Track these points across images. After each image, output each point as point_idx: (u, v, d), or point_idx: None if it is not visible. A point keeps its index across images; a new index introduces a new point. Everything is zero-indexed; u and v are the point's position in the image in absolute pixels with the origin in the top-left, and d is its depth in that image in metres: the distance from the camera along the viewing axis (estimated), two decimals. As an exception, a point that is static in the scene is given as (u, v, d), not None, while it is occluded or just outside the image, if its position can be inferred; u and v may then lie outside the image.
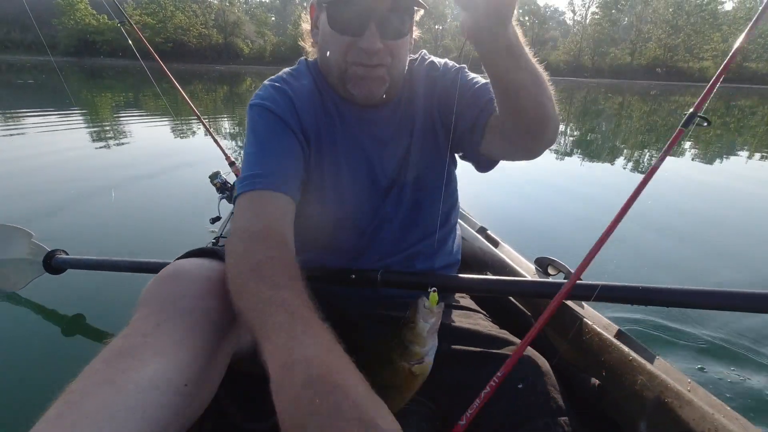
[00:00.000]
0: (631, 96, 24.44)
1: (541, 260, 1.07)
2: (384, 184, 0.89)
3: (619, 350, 0.81)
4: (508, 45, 0.59)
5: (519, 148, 0.78)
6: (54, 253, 1.46)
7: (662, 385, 0.71)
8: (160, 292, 0.61)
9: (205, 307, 0.61)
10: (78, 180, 3.75)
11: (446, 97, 0.87)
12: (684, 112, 0.89)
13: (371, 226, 0.90)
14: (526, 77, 0.63)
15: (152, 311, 0.58)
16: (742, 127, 11.52)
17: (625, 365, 0.78)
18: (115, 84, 18.61)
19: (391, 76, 0.80)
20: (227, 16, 61.11)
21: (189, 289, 0.61)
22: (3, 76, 21.11)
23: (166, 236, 2.70)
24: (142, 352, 0.53)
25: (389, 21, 0.74)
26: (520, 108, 0.67)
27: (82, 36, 52.03)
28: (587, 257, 0.83)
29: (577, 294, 0.84)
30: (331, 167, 0.87)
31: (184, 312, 0.59)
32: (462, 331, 0.85)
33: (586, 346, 0.87)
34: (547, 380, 0.72)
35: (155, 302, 0.60)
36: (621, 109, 15.89)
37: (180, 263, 0.66)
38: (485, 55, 0.60)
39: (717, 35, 59.23)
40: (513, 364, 0.69)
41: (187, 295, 0.60)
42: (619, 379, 0.78)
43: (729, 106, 19.90)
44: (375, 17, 0.73)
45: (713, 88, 0.87)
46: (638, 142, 8.02)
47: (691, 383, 0.72)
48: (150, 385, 0.51)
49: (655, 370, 0.74)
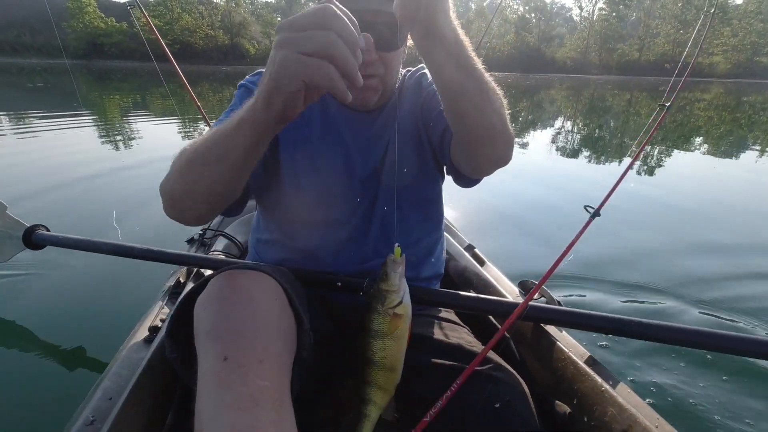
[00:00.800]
0: (639, 92, 24.19)
1: (524, 283, 1.08)
2: (362, 178, 0.90)
3: (592, 380, 0.82)
4: (442, 36, 0.58)
5: (470, 161, 0.79)
6: (34, 228, 1.43)
7: (631, 419, 0.72)
8: (236, 321, 0.60)
9: (279, 328, 0.63)
10: (80, 171, 3.82)
11: (428, 105, 0.90)
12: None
13: (350, 223, 0.90)
14: (467, 80, 0.63)
15: (240, 347, 0.57)
16: (753, 123, 11.35)
17: (597, 395, 0.79)
18: (123, 86, 18.81)
19: (384, 85, 0.84)
20: (233, 17, 61.42)
21: (265, 314, 0.62)
22: (14, 78, 21.41)
23: (154, 225, 2.76)
24: (269, 398, 0.55)
25: (384, 34, 0.78)
26: (462, 112, 0.67)
27: (90, 39, 52.54)
28: (547, 273, 0.91)
29: (530, 315, 0.90)
30: (306, 155, 0.88)
31: (269, 341, 0.60)
32: (444, 345, 0.85)
33: (560, 372, 0.88)
34: (524, 402, 0.73)
35: (238, 336, 0.58)
36: (629, 107, 15.74)
37: (242, 288, 0.64)
38: (421, 46, 0.60)
39: (727, 30, 58.36)
40: (475, 365, 0.71)
41: (265, 322, 0.61)
42: (590, 409, 0.79)
43: (740, 101, 19.63)
44: (372, 30, 0.76)
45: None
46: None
47: (660, 420, 0.73)
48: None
49: (625, 403, 0.75)
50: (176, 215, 0.73)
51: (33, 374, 1.46)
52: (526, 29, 72.57)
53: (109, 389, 0.76)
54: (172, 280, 1.16)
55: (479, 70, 0.64)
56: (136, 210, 3.05)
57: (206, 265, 1.12)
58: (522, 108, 13.27)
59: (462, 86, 0.63)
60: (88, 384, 0.81)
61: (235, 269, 0.67)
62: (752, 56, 57.77)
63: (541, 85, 31.85)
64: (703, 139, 8.11)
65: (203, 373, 0.56)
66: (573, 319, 0.89)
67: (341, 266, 0.92)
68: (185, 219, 0.73)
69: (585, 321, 0.88)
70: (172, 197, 0.70)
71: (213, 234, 1.50)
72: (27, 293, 1.90)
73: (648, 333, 0.84)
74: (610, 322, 0.86)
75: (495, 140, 0.71)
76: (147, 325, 0.95)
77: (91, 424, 0.68)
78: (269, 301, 0.64)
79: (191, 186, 0.66)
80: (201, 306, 0.63)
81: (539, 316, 0.93)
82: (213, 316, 0.61)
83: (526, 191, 4.03)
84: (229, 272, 0.67)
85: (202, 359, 0.58)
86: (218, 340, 0.58)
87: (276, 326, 0.62)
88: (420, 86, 0.94)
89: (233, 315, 0.60)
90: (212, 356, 0.56)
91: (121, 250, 1.18)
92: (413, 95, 0.93)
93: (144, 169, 4.25)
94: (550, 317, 0.92)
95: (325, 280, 0.89)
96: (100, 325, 1.70)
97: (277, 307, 0.64)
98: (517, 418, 0.71)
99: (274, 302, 0.64)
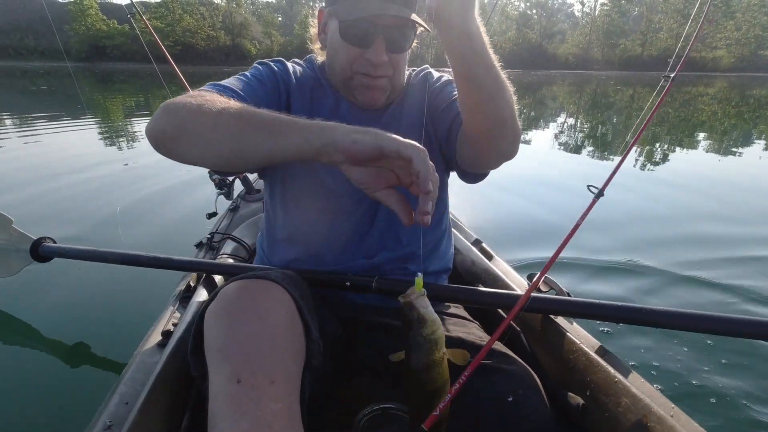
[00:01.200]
0: (642, 88, 24.08)
1: (532, 276, 1.08)
2: None
3: (604, 371, 0.81)
4: (470, 33, 0.61)
5: (479, 155, 0.82)
6: (41, 241, 1.44)
7: (646, 408, 0.71)
8: (247, 339, 0.60)
9: (289, 340, 0.64)
10: (81, 175, 3.84)
11: (435, 101, 0.94)
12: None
13: (356, 214, 0.91)
14: (487, 74, 0.66)
15: (252, 369, 0.58)
16: (758, 117, 11.28)
17: (610, 386, 0.78)
18: (125, 87, 18.90)
19: (392, 85, 0.89)
20: (234, 17, 61.56)
21: (275, 329, 0.62)
22: (18, 81, 21.56)
23: (162, 230, 2.76)
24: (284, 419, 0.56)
25: (395, 37, 0.82)
26: (478, 104, 0.70)
27: (93, 41, 52.85)
28: (550, 260, 0.91)
29: (534, 306, 0.91)
30: None
31: (278, 354, 0.61)
32: (454, 340, 0.86)
33: (572, 365, 0.88)
34: (536, 396, 0.73)
35: (249, 356, 0.59)
36: (632, 102, 15.67)
37: (252, 300, 0.65)
38: (449, 41, 0.63)
39: (731, 24, 57.99)
40: (482, 358, 0.70)
41: (275, 335, 0.62)
42: (603, 400, 0.78)
43: (744, 95, 19.51)
44: (383, 33, 0.80)
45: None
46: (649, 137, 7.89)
47: (675, 408, 0.72)
48: None
49: (639, 393, 0.74)
50: (171, 149, 0.70)
51: (51, 380, 1.48)
52: (528, 25, 72.33)
53: (126, 394, 0.76)
54: (182, 284, 1.17)
55: (495, 64, 0.67)
56: (143, 214, 3.06)
57: (214, 271, 1.13)
58: (525, 104, 13.24)
59: (482, 79, 0.66)
60: (105, 389, 0.82)
61: (245, 279, 0.68)
62: (756, 50, 57.36)
63: (543, 81, 31.77)
64: (707, 134, 8.07)
65: (216, 393, 0.57)
66: (579, 309, 0.90)
67: (348, 261, 0.93)
68: (179, 155, 0.70)
69: (591, 310, 0.89)
70: (185, 133, 0.68)
71: (221, 237, 1.51)
72: (39, 302, 1.91)
73: (651, 319, 0.84)
74: (617, 310, 0.87)
75: (505, 133, 0.73)
76: (160, 329, 0.95)
77: (109, 429, 0.69)
78: (279, 314, 0.64)
79: (219, 140, 0.65)
80: (212, 318, 0.64)
81: (543, 307, 0.94)
82: (224, 332, 0.61)
83: (528, 184, 4.03)
84: (239, 282, 0.67)
85: (213, 375, 0.59)
86: (230, 359, 0.58)
87: (286, 339, 0.62)
88: (425, 84, 0.97)
89: (244, 331, 0.60)
90: (224, 377, 0.57)
91: (129, 259, 1.18)
92: (419, 93, 0.95)
93: (150, 170, 4.26)
94: (555, 308, 0.93)
95: (333, 281, 0.89)
96: (113, 331, 1.72)
97: (286, 319, 0.64)
98: (530, 410, 0.71)
99: (284, 314, 0.64)
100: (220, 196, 1.96)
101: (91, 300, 1.94)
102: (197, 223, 2.40)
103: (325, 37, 0.90)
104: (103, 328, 1.74)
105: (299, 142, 0.61)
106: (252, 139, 0.63)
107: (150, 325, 1.01)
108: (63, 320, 1.79)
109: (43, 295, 1.95)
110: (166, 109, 0.69)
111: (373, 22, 0.79)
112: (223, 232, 1.55)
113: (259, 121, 0.64)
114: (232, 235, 1.50)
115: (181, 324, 0.93)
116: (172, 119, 0.68)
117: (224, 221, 1.73)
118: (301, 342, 0.66)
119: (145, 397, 0.72)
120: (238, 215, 1.77)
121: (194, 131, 0.67)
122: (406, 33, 0.83)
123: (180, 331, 0.91)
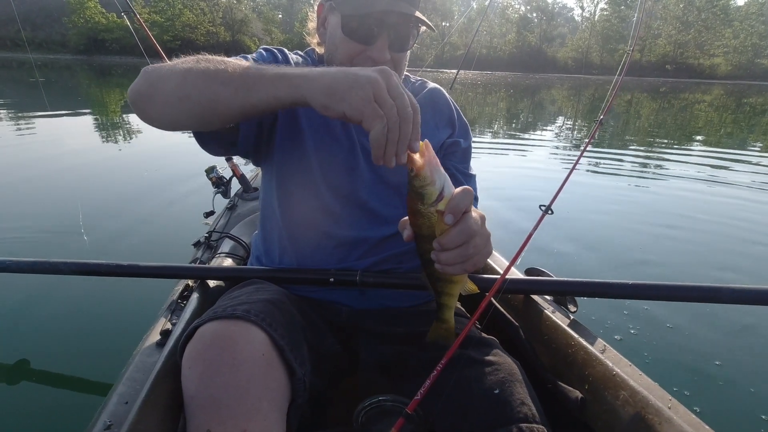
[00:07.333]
0: (640, 93, 24.18)
1: (530, 270, 1.09)
2: (363, 163, 0.91)
3: (603, 365, 0.82)
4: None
5: None
6: None
7: (644, 401, 0.72)
8: (219, 389, 0.61)
9: (266, 387, 0.64)
10: (87, 177, 3.81)
11: (444, 128, 0.97)
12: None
13: (346, 212, 0.91)
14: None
15: (222, 419, 0.59)
16: (754, 124, 11.36)
17: (608, 380, 0.80)
18: (124, 81, 18.76)
19: None
20: (234, 13, 61.33)
21: (250, 377, 0.62)
22: (15, 73, 21.37)
23: (162, 230, 2.75)
24: None
25: (399, 35, 0.81)
26: None
27: (91, 34, 52.43)
28: (520, 248, 0.99)
29: (511, 288, 0.97)
30: (311, 128, 0.89)
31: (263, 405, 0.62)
32: None
33: (571, 359, 0.89)
34: (524, 388, 0.73)
35: (220, 407, 0.59)
36: (629, 107, 15.74)
37: (227, 345, 0.64)
38: None
39: (728, 31, 58.32)
40: (461, 340, 0.71)
41: (251, 377, 0.62)
42: (602, 393, 0.79)
43: (740, 103, 19.64)
44: (387, 30, 0.79)
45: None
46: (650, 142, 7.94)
47: (672, 401, 0.73)
48: None
49: (637, 386, 0.75)
50: (146, 110, 0.73)
51: (51, 380, 1.49)
52: (528, 29, 72.51)
53: (125, 394, 0.77)
54: (181, 284, 1.16)
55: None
56: (141, 214, 3.03)
57: (208, 276, 1.11)
58: (523, 107, 13.25)
59: None
60: (105, 388, 0.82)
61: (222, 319, 0.67)
62: (753, 58, 57.73)
63: (542, 84, 31.83)
64: (705, 137, 8.12)
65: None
66: (553, 287, 0.99)
67: (336, 262, 0.92)
68: (156, 117, 0.74)
69: (564, 288, 0.98)
70: (157, 92, 0.71)
71: (219, 236, 1.51)
72: (40, 306, 1.90)
73: (611, 291, 0.94)
74: (588, 286, 0.96)
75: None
76: (158, 329, 0.95)
77: (109, 429, 0.69)
78: (254, 360, 0.63)
79: (189, 92, 0.67)
80: (186, 362, 0.65)
81: (519, 288, 1.02)
82: (196, 381, 0.62)
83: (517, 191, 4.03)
84: (216, 324, 0.67)
85: (188, 421, 0.61)
86: (201, 410, 0.60)
87: (262, 386, 0.63)
88: (434, 102, 0.98)
89: (216, 382, 0.61)
90: (195, 427, 0.59)
91: (127, 269, 1.09)
92: (422, 100, 0.95)
93: (146, 171, 4.22)
94: (532, 288, 1.02)
95: (317, 278, 0.90)
96: (113, 331, 1.71)
97: (263, 364, 0.64)
98: (517, 403, 0.71)
99: (260, 358, 0.64)
100: (217, 194, 1.95)
101: (91, 300, 1.94)
102: (195, 222, 2.41)
103: (324, 31, 0.89)
104: (103, 330, 1.74)
105: (269, 99, 0.62)
106: (221, 95, 0.65)
107: (150, 324, 1.00)
108: (63, 321, 1.79)
109: (42, 298, 1.94)
110: (144, 72, 0.72)
111: (379, 18, 0.79)
112: (220, 231, 1.55)
113: (227, 77, 0.65)
114: (229, 234, 1.50)
115: (180, 323, 0.93)
116: (145, 79, 0.72)
117: (222, 220, 1.73)
118: (282, 383, 0.66)
119: (145, 397, 0.72)
120: (235, 214, 1.77)
121: (164, 90, 0.69)
122: (409, 32, 0.83)
123: (178, 330, 0.91)
